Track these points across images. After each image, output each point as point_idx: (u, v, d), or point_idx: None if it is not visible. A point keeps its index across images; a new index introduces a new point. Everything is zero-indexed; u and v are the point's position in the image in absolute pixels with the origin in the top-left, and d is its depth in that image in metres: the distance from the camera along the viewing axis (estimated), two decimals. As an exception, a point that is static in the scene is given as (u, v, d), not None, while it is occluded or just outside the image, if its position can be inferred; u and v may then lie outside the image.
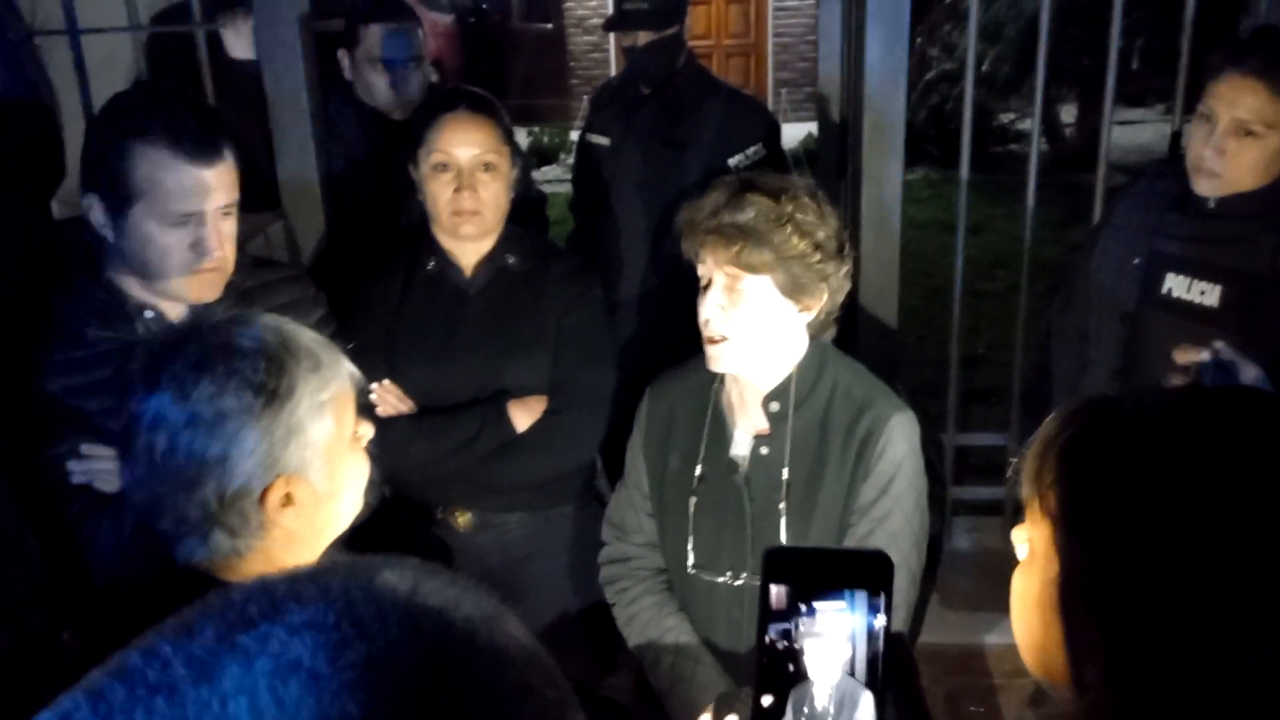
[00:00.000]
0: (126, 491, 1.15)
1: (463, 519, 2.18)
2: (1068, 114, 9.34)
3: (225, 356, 1.10)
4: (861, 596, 0.67)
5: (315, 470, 1.15)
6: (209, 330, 1.15)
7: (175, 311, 1.78)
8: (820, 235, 1.70)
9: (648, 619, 1.92)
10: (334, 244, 2.62)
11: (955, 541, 3.02)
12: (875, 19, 2.39)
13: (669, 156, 2.86)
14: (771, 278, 1.68)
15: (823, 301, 1.74)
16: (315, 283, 2.03)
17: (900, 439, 1.74)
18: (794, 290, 1.70)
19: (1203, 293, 2.02)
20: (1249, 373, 1.37)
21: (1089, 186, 2.61)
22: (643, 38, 2.85)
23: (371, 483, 1.30)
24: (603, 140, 3.02)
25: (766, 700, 0.68)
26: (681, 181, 1.77)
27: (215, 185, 1.67)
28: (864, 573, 0.68)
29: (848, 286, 1.78)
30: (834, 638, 0.67)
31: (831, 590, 0.68)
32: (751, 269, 1.68)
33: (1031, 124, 2.72)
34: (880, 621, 0.68)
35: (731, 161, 2.82)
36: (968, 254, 2.94)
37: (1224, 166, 1.95)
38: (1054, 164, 8.08)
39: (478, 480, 2.12)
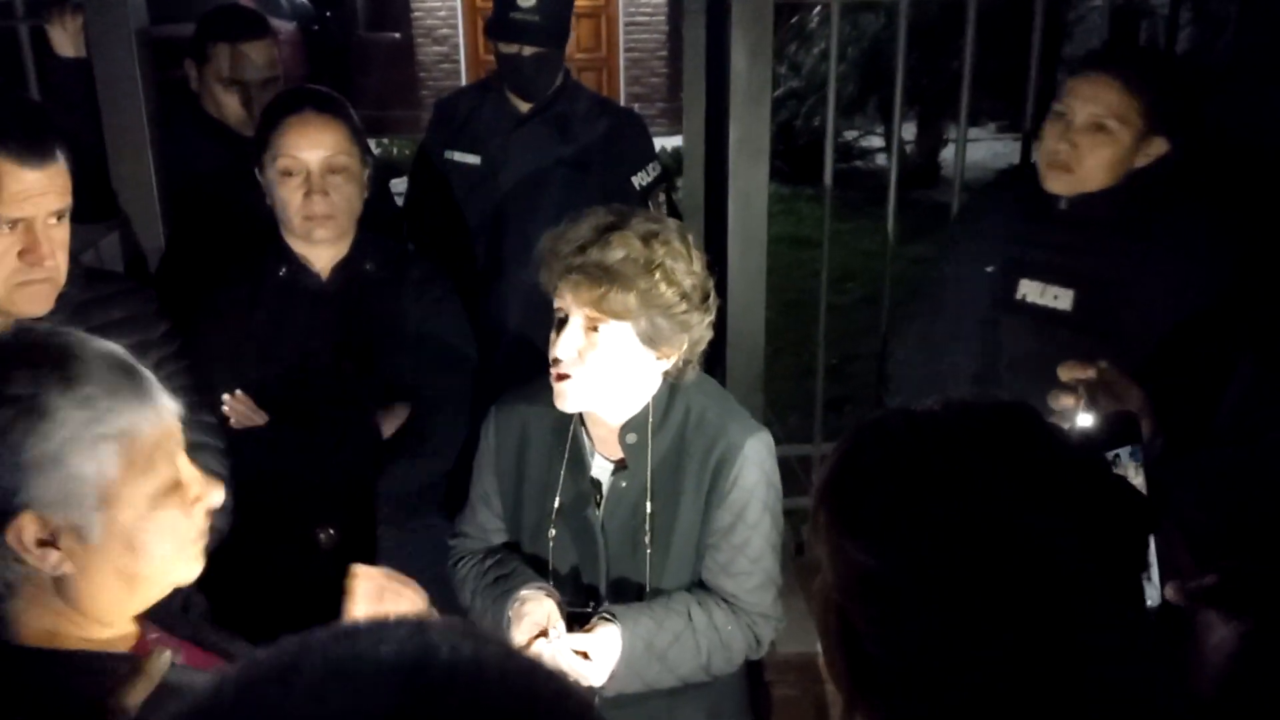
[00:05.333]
0: None
1: (324, 536, 2.07)
2: (906, 132, 9.71)
3: None
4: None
5: (82, 513, 0.99)
6: None
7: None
8: (687, 284, 1.64)
9: (473, 573, 1.84)
10: (176, 254, 2.46)
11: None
12: (739, 31, 2.40)
13: (566, 177, 2.72)
14: (633, 325, 1.62)
15: (682, 350, 1.69)
16: (157, 296, 1.90)
17: (753, 465, 1.73)
18: (654, 339, 1.64)
19: (1055, 297, 2.08)
20: (1132, 392, 1.36)
21: (929, 202, 2.68)
22: (528, 50, 2.69)
23: (223, 508, 1.19)
24: (470, 159, 2.81)
25: None
26: (584, 203, 1.70)
27: (46, 189, 1.54)
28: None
29: (709, 336, 1.73)
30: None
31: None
32: (614, 315, 1.60)
33: (881, 140, 2.80)
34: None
35: (634, 180, 2.76)
36: (816, 268, 2.98)
37: (1076, 162, 2.02)
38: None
39: (340, 492, 2.03)
